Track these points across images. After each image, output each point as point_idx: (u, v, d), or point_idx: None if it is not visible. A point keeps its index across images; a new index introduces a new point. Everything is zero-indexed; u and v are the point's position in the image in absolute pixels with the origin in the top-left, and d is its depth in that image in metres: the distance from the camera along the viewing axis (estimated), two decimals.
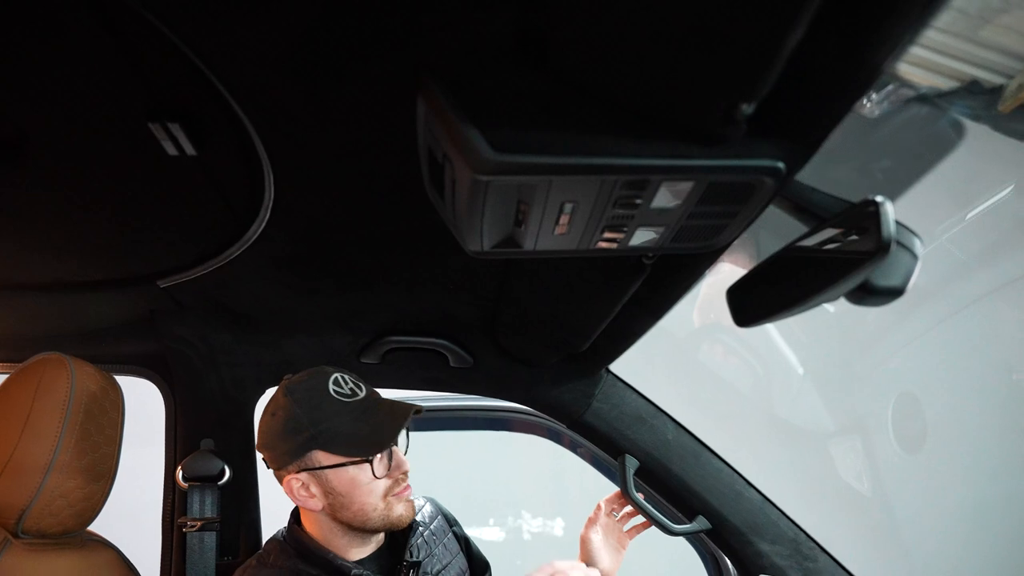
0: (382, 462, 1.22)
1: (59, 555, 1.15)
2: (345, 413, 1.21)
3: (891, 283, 0.79)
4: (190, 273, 1.28)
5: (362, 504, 1.22)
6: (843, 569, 1.61)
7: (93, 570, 1.21)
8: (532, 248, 0.91)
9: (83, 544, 1.22)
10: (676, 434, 1.65)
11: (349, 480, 1.21)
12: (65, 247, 1.19)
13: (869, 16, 0.58)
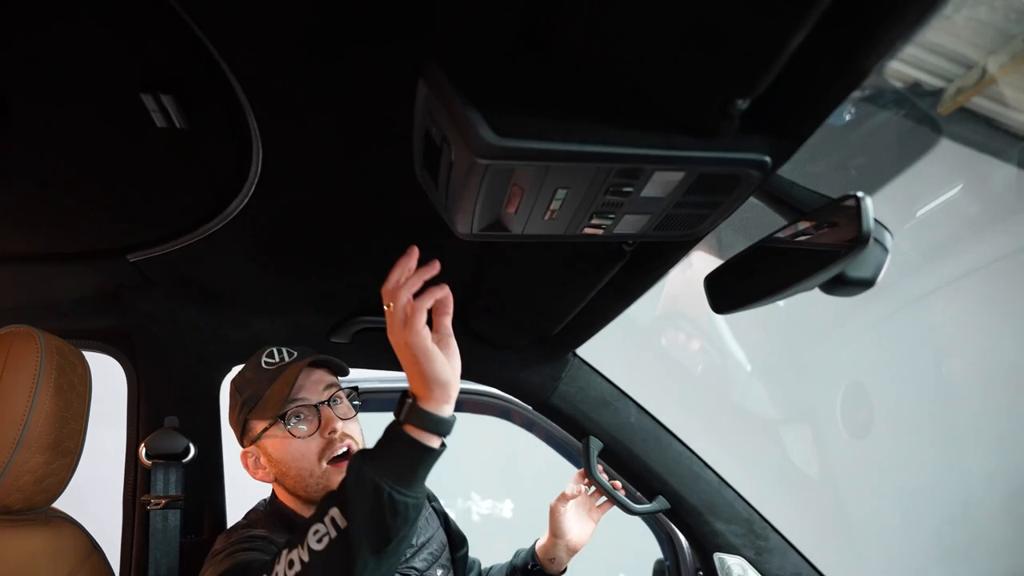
0: (306, 423, 1.21)
1: (26, 531, 1.13)
2: (266, 378, 1.22)
3: (864, 275, 0.84)
4: (162, 247, 1.26)
5: (298, 470, 1.21)
6: (792, 548, 1.69)
7: (59, 547, 1.19)
8: (520, 232, 0.93)
9: (48, 521, 1.20)
10: (638, 417, 1.70)
11: (280, 445, 1.21)
12: (33, 218, 1.17)
13: (865, 20, 0.61)
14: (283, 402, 1.18)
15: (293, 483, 1.22)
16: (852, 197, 0.77)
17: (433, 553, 1.39)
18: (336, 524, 0.90)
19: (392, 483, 0.90)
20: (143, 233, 1.23)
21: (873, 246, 0.81)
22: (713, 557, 1.69)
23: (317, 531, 0.91)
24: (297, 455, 1.20)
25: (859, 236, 0.77)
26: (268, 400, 1.20)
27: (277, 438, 1.21)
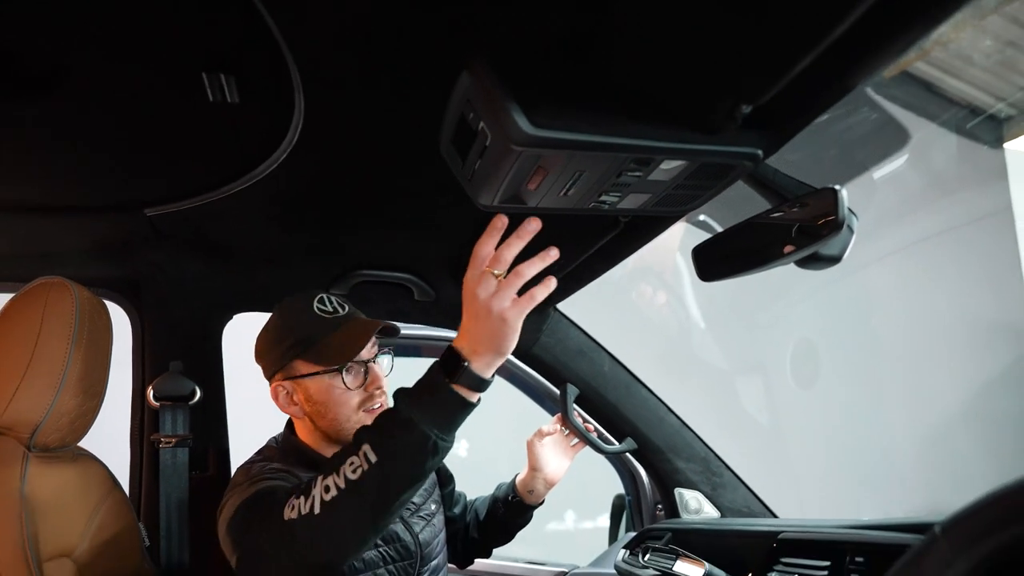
0: (355, 374, 1.30)
1: (60, 467, 1.21)
2: (323, 326, 1.29)
3: (833, 252, 0.99)
4: (180, 204, 1.32)
5: (336, 413, 1.31)
6: (743, 484, 1.88)
7: (88, 480, 1.28)
8: (536, 205, 1.05)
9: (75, 458, 1.29)
10: (611, 367, 1.85)
11: (325, 389, 1.30)
12: (57, 171, 1.22)
13: (857, 47, 0.73)
14: (347, 355, 1.27)
15: (327, 424, 1.31)
16: (832, 189, 0.90)
17: (427, 489, 1.50)
18: (368, 459, 0.98)
19: (438, 432, 0.98)
20: (163, 190, 1.29)
21: (844, 228, 0.95)
22: (674, 492, 1.88)
23: (352, 462, 0.99)
24: (340, 401, 1.30)
25: (836, 222, 0.91)
26: (327, 348, 1.27)
27: (323, 383, 1.29)
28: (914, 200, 2.76)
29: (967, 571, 0.55)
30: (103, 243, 1.49)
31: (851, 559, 1.07)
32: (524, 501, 1.55)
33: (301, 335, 1.29)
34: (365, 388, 1.32)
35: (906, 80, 2.85)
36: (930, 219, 2.73)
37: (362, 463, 0.99)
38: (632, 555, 1.75)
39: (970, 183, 2.68)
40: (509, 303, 1.00)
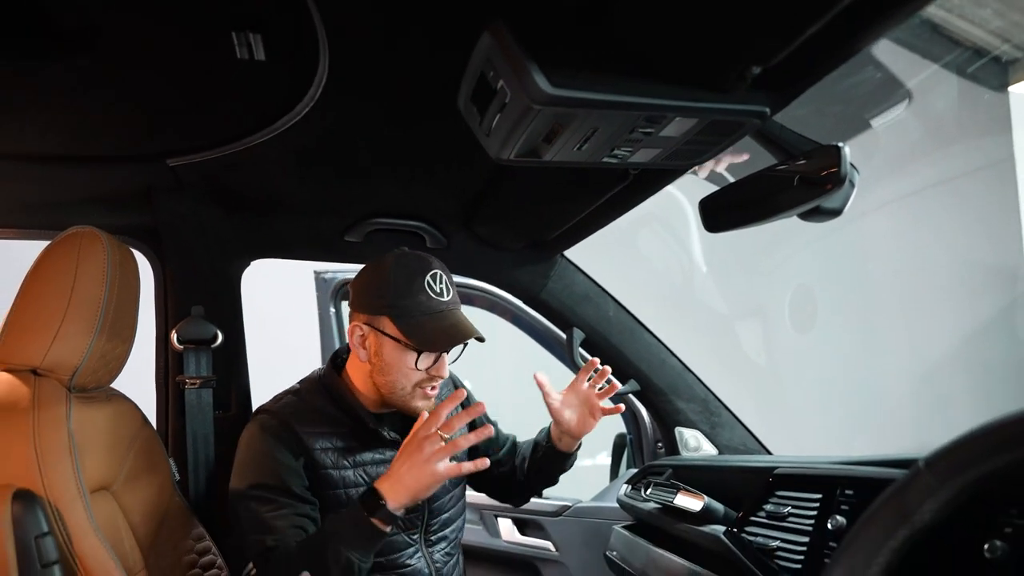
0: (428, 359, 1.37)
1: (96, 406, 1.28)
2: (425, 305, 1.33)
3: (835, 206, 1.04)
4: (202, 155, 1.36)
5: (395, 379, 1.37)
6: (740, 423, 1.96)
7: (121, 418, 1.35)
8: (550, 159, 1.09)
9: (109, 398, 1.35)
10: (616, 311, 1.92)
11: (396, 356, 1.36)
12: (83, 121, 1.25)
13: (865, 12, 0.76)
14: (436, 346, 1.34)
15: (382, 382, 1.38)
16: (835, 147, 0.95)
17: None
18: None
19: (358, 556, 1.22)
20: (186, 141, 1.33)
21: (845, 184, 1.00)
22: (674, 430, 1.97)
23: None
24: (403, 371, 1.36)
25: (838, 177, 0.95)
26: (419, 329, 1.33)
27: (398, 350, 1.34)
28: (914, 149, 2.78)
29: (948, 499, 0.62)
30: (126, 192, 1.53)
31: (841, 492, 1.15)
32: (556, 448, 1.57)
33: (402, 301, 1.33)
34: (428, 371, 1.38)
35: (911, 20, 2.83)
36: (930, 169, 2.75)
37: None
38: (634, 489, 1.84)
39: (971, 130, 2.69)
40: (443, 466, 1.21)
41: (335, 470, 1.38)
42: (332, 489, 1.37)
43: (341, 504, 1.36)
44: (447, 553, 1.50)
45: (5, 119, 1.21)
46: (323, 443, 1.38)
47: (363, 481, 1.39)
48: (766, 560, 1.19)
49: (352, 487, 1.38)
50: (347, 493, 1.37)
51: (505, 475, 1.68)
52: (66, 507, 1.01)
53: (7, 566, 0.91)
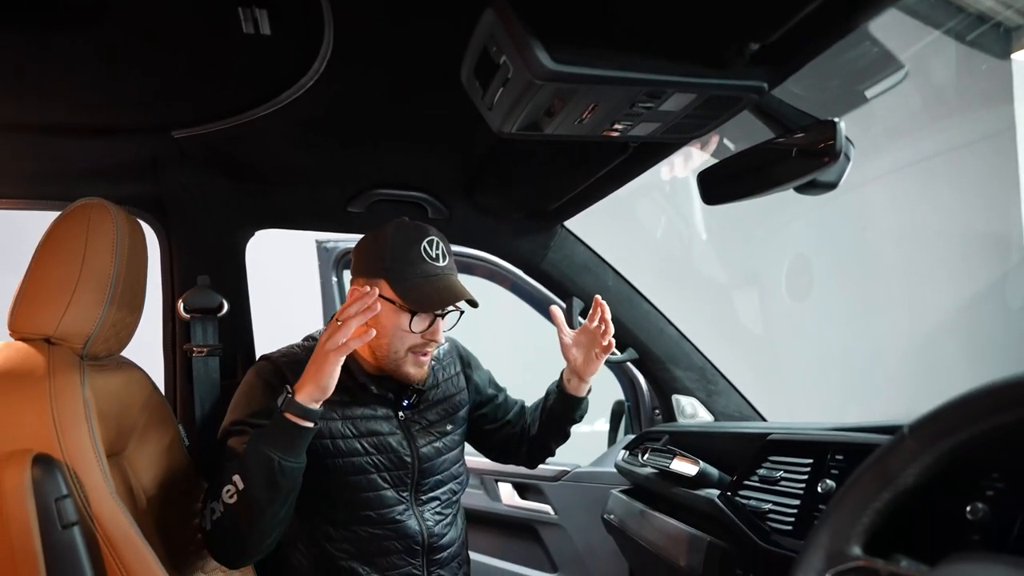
0: (422, 322, 1.40)
1: (107, 374, 1.31)
2: (421, 268, 1.37)
3: (830, 179, 1.06)
4: (207, 127, 1.38)
5: (388, 342, 1.41)
6: (736, 391, 2.00)
7: (132, 385, 1.39)
8: (551, 132, 1.11)
9: (119, 365, 1.38)
10: (615, 281, 1.95)
11: (391, 318, 1.39)
12: (89, 94, 1.26)
13: None
14: (428, 307, 1.37)
15: (377, 344, 1.42)
16: (831, 122, 0.97)
17: (447, 408, 1.58)
18: (237, 486, 1.21)
19: (281, 454, 1.22)
20: (191, 112, 1.34)
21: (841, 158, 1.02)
22: (671, 398, 2.01)
23: (228, 490, 1.22)
24: (397, 334, 1.40)
25: (834, 151, 0.97)
26: (414, 291, 1.36)
27: (393, 312, 1.38)
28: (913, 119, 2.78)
29: (930, 464, 0.65)
30: (132, 164, 1.55)
31: (832, 457, 1.19)
32: (566, 390, 1.60)
33: (399, 265, 1.37)
34: (423, 335, 1.41)
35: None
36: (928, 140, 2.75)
37: (234, 489, 1.22)
38: (631, 455, 1.88)
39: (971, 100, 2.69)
40: (332, 343, 1.22)
41: (323, 420, 1.39)
42: (319, 439, 1.40)
43: (329, 454, 1.41)
44: (438, 513, 1.53)
45: (13, 90, 1.22)
46: None
47: (351, 433, 1.44)
48: (758, 522, 1.24)
49: (340, 438, 1.43)
50: (335, 444, 1.42)
51: (515, 436, 1.71)
52: (84, 471, 1.05)
53: (28, 527, 0.95)
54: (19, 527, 0.94)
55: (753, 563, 1.21)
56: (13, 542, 0.94)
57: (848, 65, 1.20)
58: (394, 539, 1.44)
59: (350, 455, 1.44)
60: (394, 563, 1.47)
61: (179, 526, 1.42)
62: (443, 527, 1.54)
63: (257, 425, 1.34)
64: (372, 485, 1.45)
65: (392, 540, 1.44)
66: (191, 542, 1.43)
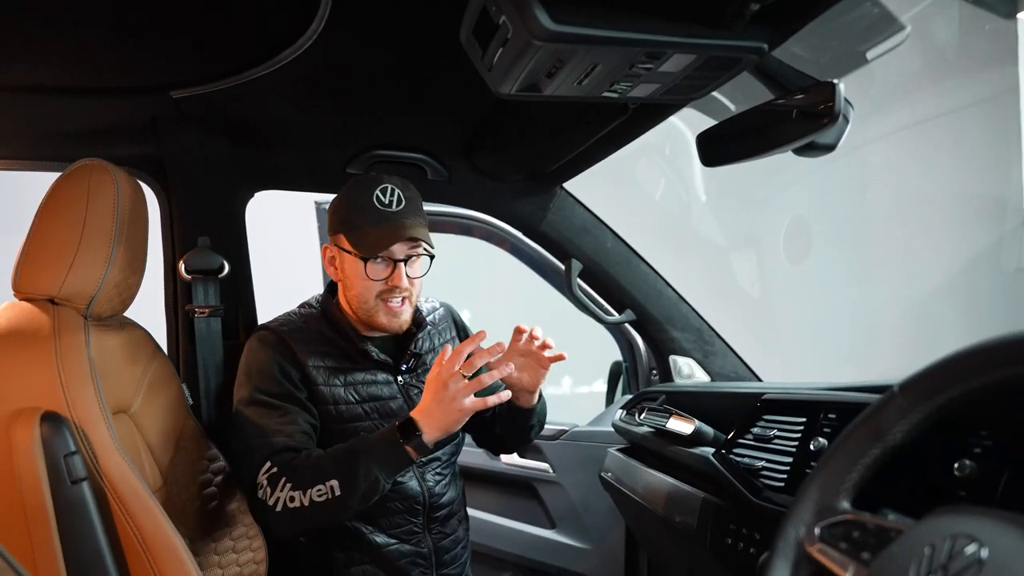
0: (380, 268, 1.43)
1: (112, 333, 1.32)
2: (370, 216, 1.40)
3: (829, 141, 1.06)
4: (207, 87, 1.37)
5: (358, 293, 1.45)
6: (732, 352, 2.03)
7: (135, 345, 1.40)
8: (551, 93, 1.11)
9: (122, 326, 1.40)
10: (614, 243, 1.95)
11: (352, 268, 1.44)
12: (86, 54, 1.26)
13: None
14: (374, 250, 1.39)
15: (351, 297, 1.47)
16: (830, 83, 0.96)
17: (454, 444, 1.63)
18: (334, 492, 1.28)
19: (386, 476, 1.31)
20: (189, 72, 1.34)
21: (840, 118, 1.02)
22: (668, 358, 2.03)
23: (320, 490, 1.28)
24: (362, 285, 1.43)
25: (832, 113, 0.98)
26: (364, 237, 1.40)
27: (355, 263, 1.42)
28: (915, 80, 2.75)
29: (919, 421, 0.67)
30: (131, 124, 1.54)
31: (824, 415, 1.21)
32: (516, 405, 1.58)
33: (351, 216, 1.42)
34: (386, 282, 1.43)
35: None
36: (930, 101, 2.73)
37: (328, 494, 1.28)
38: (628, 414, 1.91)
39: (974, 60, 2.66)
40: (469, 402, 1.27)
41: (326, 387, 1.46)
42: (323, 404, 1.46)
43: (332, 420, 1.46)
44: (439, 473, 1.57)
45: (12, 50, 1.21)
46: (316, 361, 1.47)
47: (353, 399, 1.48)
48: (751, 479, 1.26)
49: (343, 404, 1.47)
50: (337, 409, 1.46)
51: (481, 423, 1.70)
52: (91, 428, 1.07)
53: (39, 483, 0.97)
54: (30, 483, 0.97)
55: (746, 518, 1.24)
56: (24, 498, 0.97)
57: (849, 26, 1.19)
58: (396, 500, 1.48)
59: (352, 420, 1.48)
60: (396, 522, 1.51)
61: (186, 481, 1.44)
62: (443, 487, 1.57)
63: (276, 403, 1.41)
64: None
65: (394, 501, 1.48)
66: (197, 498, 1.46)
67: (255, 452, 1.38)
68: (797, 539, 0.72)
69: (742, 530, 1.25)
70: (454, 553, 1.61)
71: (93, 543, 1.01)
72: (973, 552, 0.54)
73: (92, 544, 1.01)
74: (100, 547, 1.01)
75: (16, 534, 0.97)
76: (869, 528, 0.66)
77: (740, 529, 1.25)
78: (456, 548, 1.62)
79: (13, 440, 0.98)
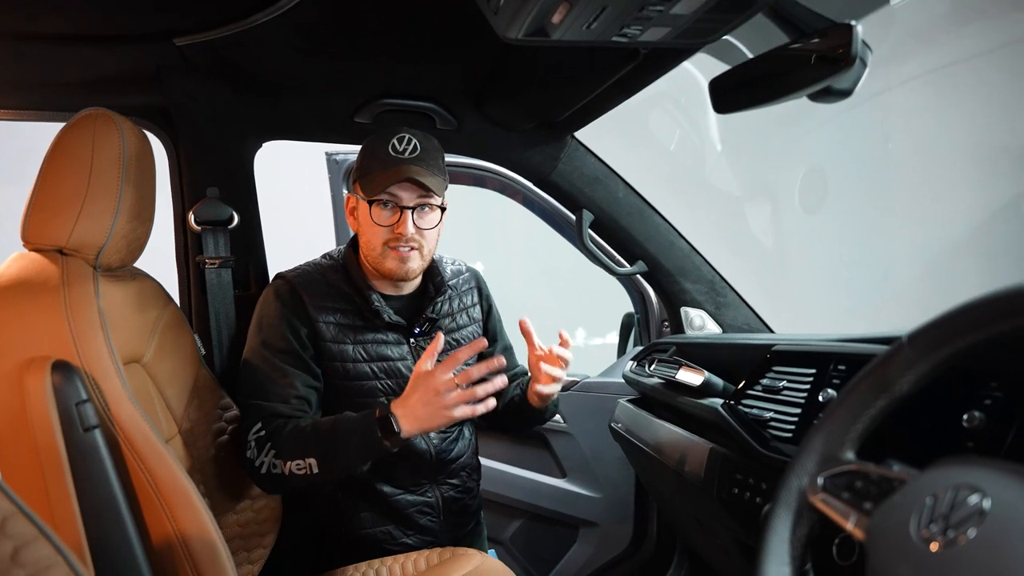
0: (385, 213, 1.42)
1: (123, 284, 1.33)
2: (382, 161, 1.40)
3: (845, 86, 1.03)
4: (208, 34, 1.35)
5: (368, 240, 1.46)
6: (745, 303, 2.01)
7: (146, 295, 1.41)
8: (559, 38, 1.08)
9: (134, 276, 1.40)
10: (626, 193, 1.92)
11: (365, 216, 1.44)
12: (92, 2, 1.24)
13: None
14: (375, 191, 1.40)
15: (362, 244, 1.49)
16: (848, 25, 0.93)
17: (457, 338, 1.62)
18: (312, 469, 1.34)
19: (361, 464, 1.38)
20: (191, 19, 1.32)
21: (857, 62, 0.98)
22: (680, 310, 2.02)
23: (299, 465, 1.34)
24: (372, 232, 1.44)
25: (848, 57, 0.94)
26: (371, 182, 1.40)
27: (366, 210, 1.42)
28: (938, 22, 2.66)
29: (926, 372, 0.66)
30: (135, 72, 1.53)
31: (834, 367, 1.20)
32: (527, 402, 1.59)
33: (366, 163, 1.44)
34: (393, 229, 1.43)
35: None
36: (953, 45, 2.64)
37: (306, 469, 1.34)
38: (639, 366, 1.91)
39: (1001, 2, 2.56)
40: (460, 412, 1.29)
41: (334, 343, 1.48)
42: (330, 361, 1.48)
43: (339, 376, 1.48)
44: (443, 432, 1.58)
45: None
46: (327, 316, 1.48)
47: (361, 357, 1.49)
48: (759, 430, 1.26)
49: (350, 362, 1.48)
50: (344, 367, 1.48)
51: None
52: (101, 376, 1.08)
53: (51, 431, 0.99)
54: (43, 431, 0.98)
55: (753, 469, 1.25)
56: (38, 445, 0.99)
57: None
58: (404, 456, 1.49)
59: (359, 378, 1.50)
60: (406, 476, 1.55)
61: (201, 430, 1.47)
62: (449, 443, 1.59)
63: (278, 362, 1.45)
64: None
65: (402, 458, 1.49)
66: (211, 446, 1.49)
67: (250, 411, 1.44)
68: (800, 488, 0.72)
69: (749, 480, 1.25)
70: (464, 503, 1.64)
71: (106, 489, 1.03)
72: (976, 502, 0.53)
73: (105, 490, 1.03)
74: (114, 493, 1.03)
75: (32, 481, 0.99)
76: (872, 478, 0.66)
77: (747, 479, 1.26)
78: (465, 498, 1.64)
79: (25, 388, 0.99)
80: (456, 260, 1.73)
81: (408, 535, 1.56)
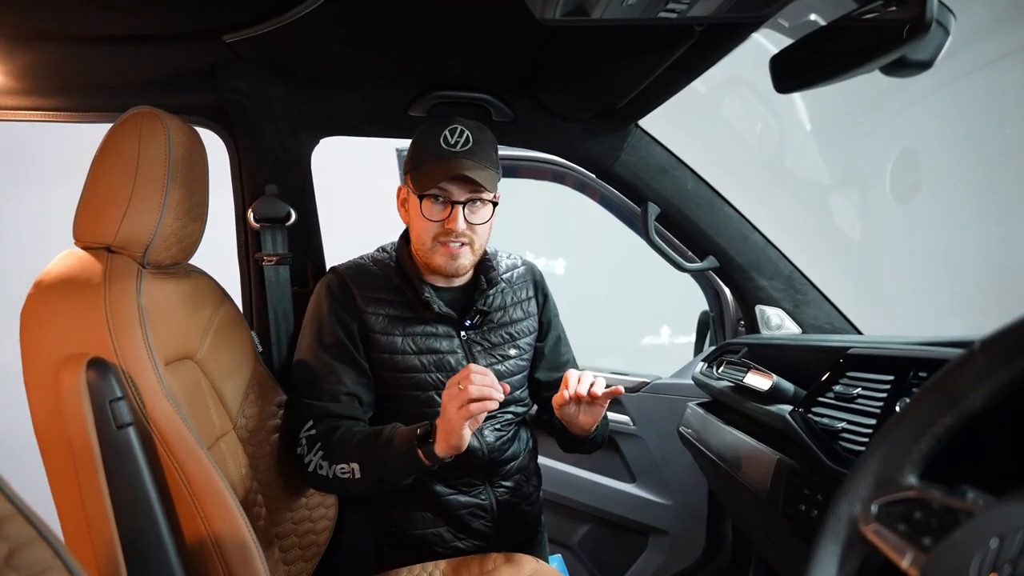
0: (435, 207, 1.39)
1: (175, 281, 1.35)
2: (434, 154, 1.37)
3: (923, 57, 0.91)
4: (256, 29, 1.34)
5: (418, 233, 1.44)
6: (828, 301, 1.86)
7: (200, 292, 1.42)
8: (600, 16, 1.00)
9: (188, 273, 1.42)
10: (695, 184, 1.81)
11: (416, 209, 1.42)
12: (139, 2, 1.25)
13: None
14: (425, 186, 1.38)
15: (413, 237, 1.48)
16: None
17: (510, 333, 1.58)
18: (355, 474, 1.35)
19: (398, 478, 1.34)
20: (238, 15, 1.31)
21: (935, 29, 0.86)
22: (755, 308, 1.89)
23: (343, 469, 1.36)
24: (422, 226, 1.42)
25: (922, 22, 0.83)
26: (422, 176, 1.39)
27: (417, 203, 1.41)
28: None
29: (1003, 384, 0.56)
30: (192, 71, 1.55)
31: (915, 374, 1.07)
32: (569, 433, 1.52)
33: (417, 155, 1.42)
34: (443, 224, 1.40)
35: None
36: None
37: (350, 474, 1.35)
38: (709, 367, 1.81)
39: None
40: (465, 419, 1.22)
41: (384, 335, 1.47)
42: (379, 353, 1.47)
43: (388, 368, 1.47)
44: (498, 430, 1.55)
45: (70, 1, 1.22)
46: (376, 308, 1.47)
47: (410, 350, 1.47)
48: (830, 442, 1.15)
49: (399, 353, 1.47)
50: (393, 359, 1.47)
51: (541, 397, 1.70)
52: (138, 374, 1.08)
53: (85, 429, 0.99)
54: (76, 428, 0.99)
55: (821, 484, 1.13)
56: (73, 442, 0.99)
57: None
58: None
59: (408, 371, 1.48)
60: (458, 475, 1.52)
61: (257, 426, 1.48)
62: (503, 443, 1.54)
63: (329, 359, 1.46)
64: (430, 401, 1.47)
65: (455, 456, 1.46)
66: (267, 442, 1.49)
67: (302, 409, 1.45)
68: (851, 517, 0.62)
69: (817, 496, 1.14)
70: (520, 509, 1.59)
71: (140, 487, 1.03)
72: None
73: (139, 488, 1.03)
74: (147, 490, 1.03)
75: (65, 476, 1.00)
76: (934, 508, 0.56)
77: (815, 495, 1.15)
78: (522, 504, 1.59)
79: (61, 385, 1.00)
80: (511, 254, 1.69)
81: (460, 539, 1.53)
